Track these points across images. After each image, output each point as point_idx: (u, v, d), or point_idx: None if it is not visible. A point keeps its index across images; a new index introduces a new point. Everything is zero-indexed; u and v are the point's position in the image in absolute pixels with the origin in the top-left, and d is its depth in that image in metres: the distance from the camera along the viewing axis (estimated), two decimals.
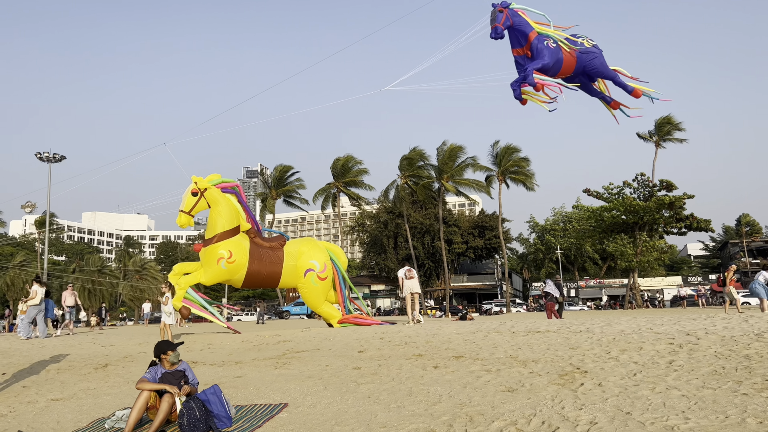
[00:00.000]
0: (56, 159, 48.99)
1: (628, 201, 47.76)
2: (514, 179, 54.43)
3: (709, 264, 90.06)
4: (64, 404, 7.18)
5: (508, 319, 16.33)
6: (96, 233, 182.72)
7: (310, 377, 7.68)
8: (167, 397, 5.72)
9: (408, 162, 58.50)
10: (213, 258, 14.56)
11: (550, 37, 15.06)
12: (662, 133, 51.63)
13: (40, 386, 8.51)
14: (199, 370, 9.00)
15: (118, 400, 7.21)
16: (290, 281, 15.62)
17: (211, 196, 14.87)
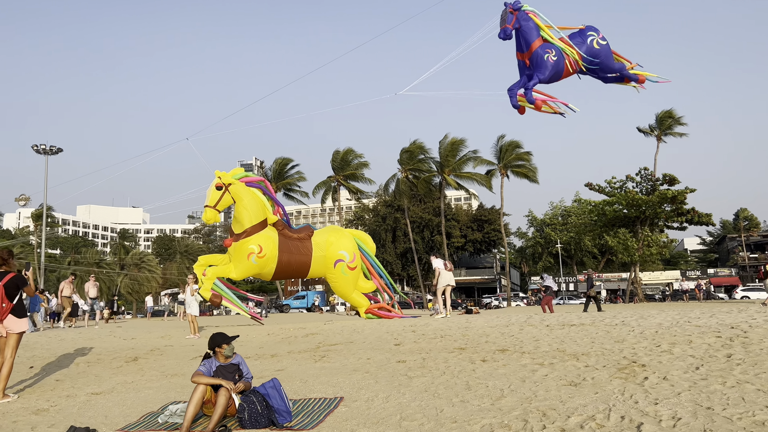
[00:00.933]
0: (53, 151, 48.53)
1: (631, 195, 47.71)
2: (517, 173, 54.35)
3: (706, 258, 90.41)
4: (106, 398, 7.01)
5: (515, 313, 16.25)
6: (91, 226, 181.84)
7: (356, 370, 7.53)
8: (223, 391, 5.55)
9: (408, 155, 58.34)
10: (243, 253, 14.38)
11: (554, 48, 15.01)
12: (664, 127, 51.63)
13: (75, 380, 8.33)
14: None
15: (161, 395, 7.04)
16: (319, 272, 15.53)
17: (235, 190, 14.66)
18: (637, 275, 53.09)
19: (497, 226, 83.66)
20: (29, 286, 7.63)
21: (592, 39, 15.42)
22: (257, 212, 14.80)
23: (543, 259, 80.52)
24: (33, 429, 5.73)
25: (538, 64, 14.81)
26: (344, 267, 15.47)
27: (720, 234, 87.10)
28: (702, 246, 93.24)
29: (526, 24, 14.68)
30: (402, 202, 66.54)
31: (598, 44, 15.45)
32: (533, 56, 14.88)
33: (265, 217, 14.96)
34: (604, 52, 15.59)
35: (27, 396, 7.50)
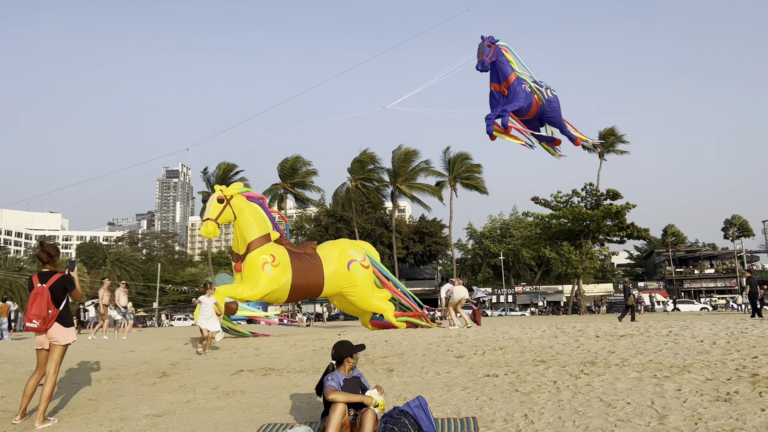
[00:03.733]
0: None
1: (577, 209, 49.20)
2: (466, 185, 54.91)
3: (632, 272, 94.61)
4: (173, 421, 6.01)
5: (508, 324, 16.11)
6: (3, 232, 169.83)
7: (448, 386, 6.88)
8: (371, 413, 4.78)
9: (359, 165, 57.82)
10: (257, 265, 13.17)
11: (526, 81, 15.96)
12: (606, 144, 53.65)
13: (111, 399, 7.20)
14: (281, 378, 7.95)
15: (238, 416, 6.13)
16: (334, 284, 14.48)
17: (237, 204, 13.60)
18: (580, 287, 54.64)
19: (438, 238, 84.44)
20: (77, 289, 6.51)
21: (547, 88, 16.58)
22: (261, 225, 13.79)
23: (482, 271, 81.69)
24: None
25: (516, 93, 15.67)
26: (358, 265, 14.64)
27: (647, 249, 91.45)
28: (629, 260, 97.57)
29: (502, 58, 15.39)
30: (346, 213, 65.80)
31: (552, 94, 16.68)
32: (511, 87, 15.83)
33: (268, 231, 13.96)
34: (557, 103, 16.88)
35: (69, 419, 6.37)
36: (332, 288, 14.59)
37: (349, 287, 14.67)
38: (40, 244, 6.54)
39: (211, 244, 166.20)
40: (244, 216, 13.58)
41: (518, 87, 15.55)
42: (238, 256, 13.67)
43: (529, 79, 16.08)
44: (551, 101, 16.51)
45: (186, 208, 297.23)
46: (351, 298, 14.81)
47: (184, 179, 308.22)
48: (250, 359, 9.78)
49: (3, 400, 7.46)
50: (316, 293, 14.48)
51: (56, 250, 6.47)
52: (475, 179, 55.18)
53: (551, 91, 16.69)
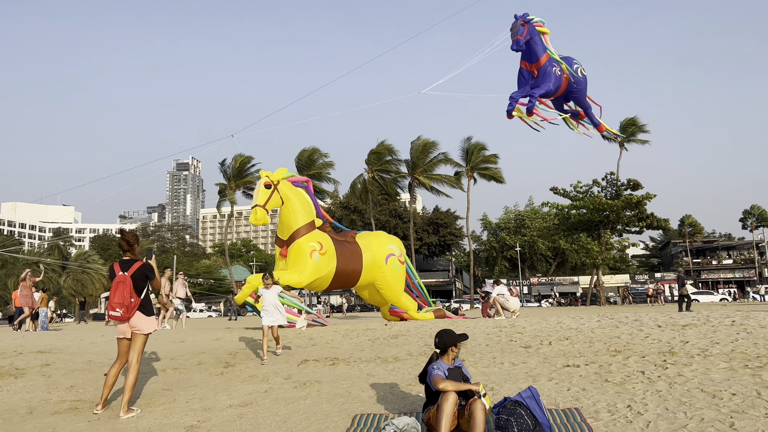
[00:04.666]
0: None
1: (597, 199, 48.76)
2: (483, 175, 54.59)
3: (648, 263, 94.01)
4: (258, 410, 5.90)
5: (546, 315, 15.94)
6: (17, 225, 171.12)
7: (530, 376, 6.74)
8: (480, 404, 4.63)
9: (376, 156, 57.57)
10: (305, 252, 13.06)
11: (558, 64, 15.77)
12: (627, 134, 53.08)
13: (186, 389, 7.11)
14: (351, 367, 7.82)
15: (325, 406, 6.00)
16: (370, 274, 14.41)
17: (283, 189, 13.45)
18: (599, 278, 54.27)
19: (453, 229, 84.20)
20: (157, 278, 6.40)
21: (578, 67, 16.34)
22: (307, 212, 13.67)
23: (498, 263, 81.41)
24: None
25: (547, 75, 15.49)
26: (396, 261, 14.58)
27: (663, 240, 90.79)
28: (644, 251, 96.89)
29: (536, 37, 15.22)
30: (361, 204, 65.64)
31: (582, 74, 16.43)
32: (542, 68, 15.59)
33: (313, 218, 13.83)
34: (584, 83, 16.64)
35: (151, 409, 6.28)
36: (367, 278, 14.52)
37: (382, 280, 14.59)
38: (120, 232, 6.44)
39: (221, 236, 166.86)
40: (290, 202, 13.46)
41: (549, 69, 15.37)
42: (283, 242, 13.56)
43: (561, 61, 15.82)
44: (580, 82, 16.28)
45: (196, 201, 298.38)
46: (382, 291, 14.72)
47: (194, 172, 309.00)
48: (309, 349, 9.67)
49: (74, 390, 7.40)
50: (353, 283, 14.41)
51: (136, 238, 6.36)
52: (492, 169, 54.82)
53: (582, 71, 16.43)
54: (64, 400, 6.89)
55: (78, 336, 13.59)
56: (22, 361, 9.35)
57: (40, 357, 9.68)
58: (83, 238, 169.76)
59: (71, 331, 16.86)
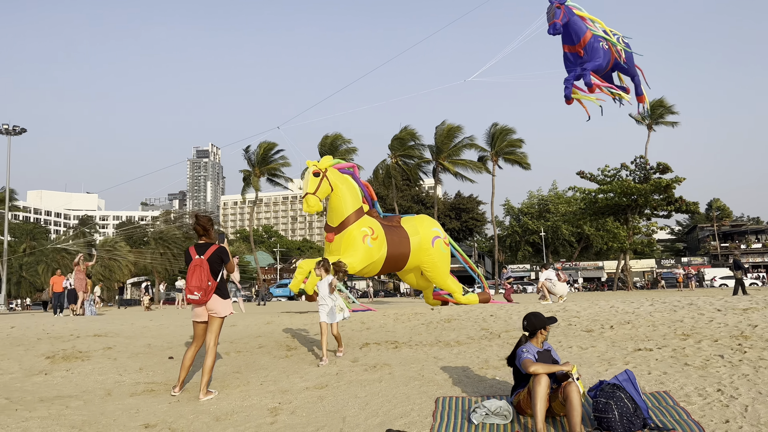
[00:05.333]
0: (16, 132, 45.93)
1: (625, 183, 48.07)
2: (508, 159, 54.15)
3: (673, 248, 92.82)
4: (339, 392, 5.90)
5: (577, 300, 15.80)
6: (42, 213, 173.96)
7: (607, 360, 6.66)
8: (575, 387, 4.56)
9: (399, 142, 57.35)
10: (357, 238, 13.09)
11: (603, 38, 15.42)
12: (655, 116, 52.20)
13: (257, 372, 7.17)
14: (414, 351, 7.80)
15: (402, 389, 5.98)
16: (416, 258, 14.42)
17: (331, 177, 13.47)
18: (627, 263, 53.70)
19: (475, 214, 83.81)
20: (231, 261, 6.41)
21: (620, 37, 16.00)
22: (356, 198, 13.69)
23: (521, 248, 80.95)
24: None
25: (595, 50, 15.31)
26: (441, 243, 14.59)
27: (689, 224, 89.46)
28: (670, 236, 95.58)
29: (574, 17, 14.87)
30: (383, 190, 65.57)
31: (624, 42, 16.10)
32: (588, 45, 15.29)
33: (361, 204, 13.83)
34: (630, 53, 16.38)
35: (227, 391, 6.33)
36: (414, 262, 14.50)
37: (429, 263, 14.55)
38: (195, 216, 6.46)
39: (243, 223, 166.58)
40: (339, 189, 13.47)
41: (595, 44, 15.08)
42: (331, 228, 13.58)
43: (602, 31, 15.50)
44: (626, 52, 16.05)
45: (216, 188, 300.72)
46: (428, 274, 14.69)
47: (214, 159, 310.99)
48: (365, 333, 9.68)
49: (144, 373, 7.49)
50: (401, 266, 14.41)
51: (211, 222, 6.38)
52: (517, 154, 54.34)
53: (623, 38, 16.19)
54: (138, 383, 6.97)
55: (127, 320, 13.79)
56: (82, 344, 9.49)
57: (99, 341, 9.82)
58: (106, 225, 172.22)
59: (115, 316, 17.11)
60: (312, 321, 11.09)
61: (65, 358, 8.37)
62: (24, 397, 6.54)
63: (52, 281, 21.19)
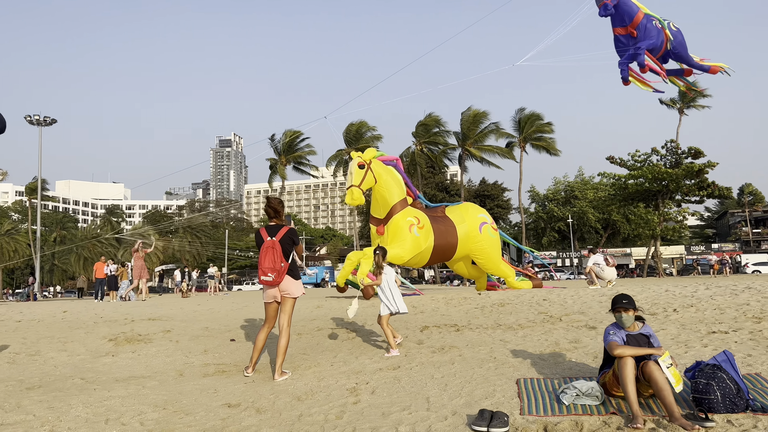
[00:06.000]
0: (47, 122, 46.53)
1: (656, 168, 47.27)
2: (536, 146, 53.55)
3: (702, 234, 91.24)
4: (415, 374, 5.87)
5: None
6: (71, 202, 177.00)
7: (683, 342, 6.52)
8: (653, 366, 4.45)
9: (424, 128, 57.08)
10: (404, 228, 13.01)
11: (655, 17, 15.06)
12: (687, 100, 51.15)
13: (321, 353, 7.20)
14: (477, 333, 7.74)
15: (477, 370, 5.93)
16: (465, 247, 14.29)
17: (376, 169, 13.36)
18: (657, 249, 52.92)
19: (500, 201, 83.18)
20: (300, 244, 6.40)
21: (669, 22, 15.42)
22: (400, 189, 13.58)
23: (547, 234, 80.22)
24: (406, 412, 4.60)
25: (647, 30, 14.85)
26: (489, 228, 14.43)
27: (719, 210, 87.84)
28: (699, 221, 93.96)
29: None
30: (417, 176, 65.36)
31: (675, 27, 15.52)
32: (640, 26, 14.85)
33: (405, 195, 13.72)
34: (681, 36, 15.67)
35: (300, 372, 6.35)
36: (462, 251, 14.35)
37: (478, 250, 14.40)
38: (267, 199, 6.44)
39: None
40: (384, 180, 13.34)
41: (648, 24, 14.62)
42: (378, 221, 13.51)
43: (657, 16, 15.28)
44: (677, 36, 15.54)
45: (239, 177, 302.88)
46: (480, 261, 14.53)
47: (236, 148, 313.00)
48: (420, 316, 9.65)
49: (210, 355, 7.54)
50: (449, 256, 14.29)
51: (281, 205, 6.36)
52: (546, 140, 53.71)
53: (673, 24, 15.86)
54: (208, 364, 7.03)
55: (174, 306, 13.95)
56: (140, 327, 9.61)
57: (155, 324, 9.94)
58: (133, 214, 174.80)
59: (157, 302, 17.32)
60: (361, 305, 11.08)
61: (128, 341, 8.48)
62: (98, 377, 6.64)
63: (95, 267, 21.54)
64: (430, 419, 4.56)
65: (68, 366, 7.30)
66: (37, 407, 5.51)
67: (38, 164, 48.75)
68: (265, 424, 4.68)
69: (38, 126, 46.21)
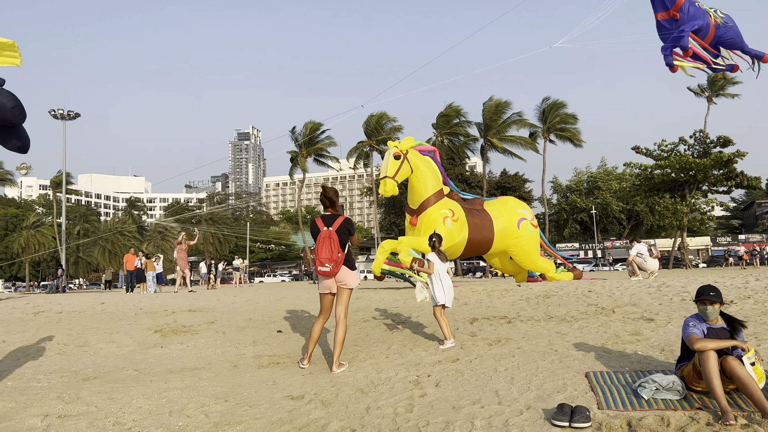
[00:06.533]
0: (71, 116, 46.90)
1: (684, 158, 46.41)
2: (560, 136, 52.90)
3: (728, 224, 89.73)
4: (476, 366, 5.74)
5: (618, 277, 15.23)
6: (93, 195, 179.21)
7: (753, 333, 6.28)
8: (732, 360, 4.25)
9: (445, 119, 56.69)
10: (437, 220, 12.81)
11: (698, 0, 14.43)
12: (716, 88, 50.13)
13: (374, 345, 7.08)
14: (530, 325, 7.58)
15: (540, 363, 5.77)
16: (502, 241, 14.03)
17: (412, 159, 13.13)
18: (684, 240, 52.08)
19: (522, 193, 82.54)
20: (355, 234, 6.27)
21: (716, 9, 15.11)
22: (436, 180, 13.35)
23: (569, 226, 79.46)
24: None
25: (691, 12, 14.35)
26: (528, 224, 14.12)
27: (746, 200, 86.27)
28: (724, 212, 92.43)
29: None
30: None
31: (723, 13, 15.07)
32: (683, 8, 14.35)
33: (441, 187, 13.50)
34: (732, 20, 15.34)
35: (357, 364, 6.24)
36: (499, 246, 14.09)
37: (516, 246, 14.14)
38: (323, 188, 6.32)
39: (286, 204, 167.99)
40: (420, 171, 13.12)
41: (691, 7, 14.28)
42: (413, 211, 13.33)
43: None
44: (726, 21, 15.19)
45: (258, 170, 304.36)
46: (517, 258, 14.27)
47: (255, 141, 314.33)
48: (464, 308, 9.51)
49: (260, 346, 7.47)
50: (485, 250, 14.05)
51: (337, 194, 6.24)
52: (570, 130, 53.01)
53: (720, 11, 15.40)
54: (259, 355, 6.95)
55: (212, 297, 13.95)
56: (183, 319, 9.58)
57: (198, 315, 9.91)
58: (153, 207, 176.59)
59: (189, 294, 17.35)
60: (394, 297, 10.98)
61: (174, 332, 8.44)
62: (151, 369, 6.60)
63: (125, 259, 21.68)
64: (504, 413, 4.42)
65: (119, 357, 7.28)
66: (97, 398, 5.47)
67: (63, 158, 49.33)
68: (334, 417, 4.58)
69: (62, 120, 46.65)
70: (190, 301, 12.71)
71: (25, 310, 12.21)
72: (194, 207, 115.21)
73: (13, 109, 5.18)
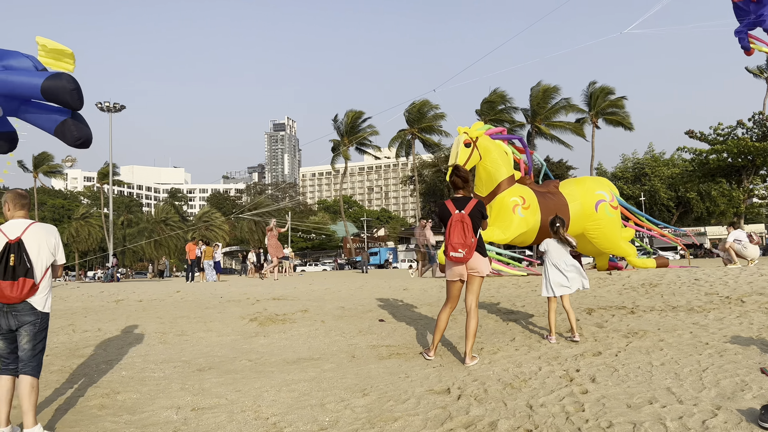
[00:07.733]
0: (116, 109, 47.41)
1: (742, 142, 44.53)
2: (610, 120, 51.39)
3: None
4: (629, 362, 5.26)
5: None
6: (135, 187, 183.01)
7: None
8: None
9: (489, 105, 55.58)
10: (507, 207, 12.28)
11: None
12: None
13: (494, 336, 6.66)
14: (657, 316, 7.05)
15: (697, 357, 5.26)
16: (578, 225, 13.44)
17: (483, 144, 12.57)
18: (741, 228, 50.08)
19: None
20: (487, 218, 5.84)
21: None
22: (508, 166, 12.77)
23: None
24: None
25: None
26: (607, 206, 13.42)
27: None
28: None
29: None
30: None
31: None
32: None
33: (513, 172, 12.92)
34: None
35: (486, 357, 5.83)
36: (576, 229, 13.46)
37: (593, 230, 13.49)
38: (455, 168, 5.90)
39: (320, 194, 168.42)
40: (491, 156, 12.55)
41: None
42: (483, 196, 12.81)
43: None
44: None
45: (293, 160, 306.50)
46: (595, 241, 13.61)
47: (290, 132, 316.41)
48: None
49: (370, 336, 7.13)
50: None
51: (470, 175, 5.80)
52: (619, 115, 51.45)
53: None
54: (374, 345, 6.61)
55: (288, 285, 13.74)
56: (273, 308, 9.34)
57: (285, 304, 9.66)
58: (193, 197, 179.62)
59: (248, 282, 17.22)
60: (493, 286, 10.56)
61: (271, 321, 8.19)
62: (264, 359, 6.33)
63: (187, 248, 21.73)
64: (695, 413, 3.95)
65: (224, 347, 7.03)
66: (224, 390, 5.20)
67: (109, 150, 50.10)
68: (497, 415, 4.18)
69: (108, 113, 47.26)
70: (267, 289, 12.51)
71: (103, 299, 12.19)
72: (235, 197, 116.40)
73: (73, 91, 5.26)
